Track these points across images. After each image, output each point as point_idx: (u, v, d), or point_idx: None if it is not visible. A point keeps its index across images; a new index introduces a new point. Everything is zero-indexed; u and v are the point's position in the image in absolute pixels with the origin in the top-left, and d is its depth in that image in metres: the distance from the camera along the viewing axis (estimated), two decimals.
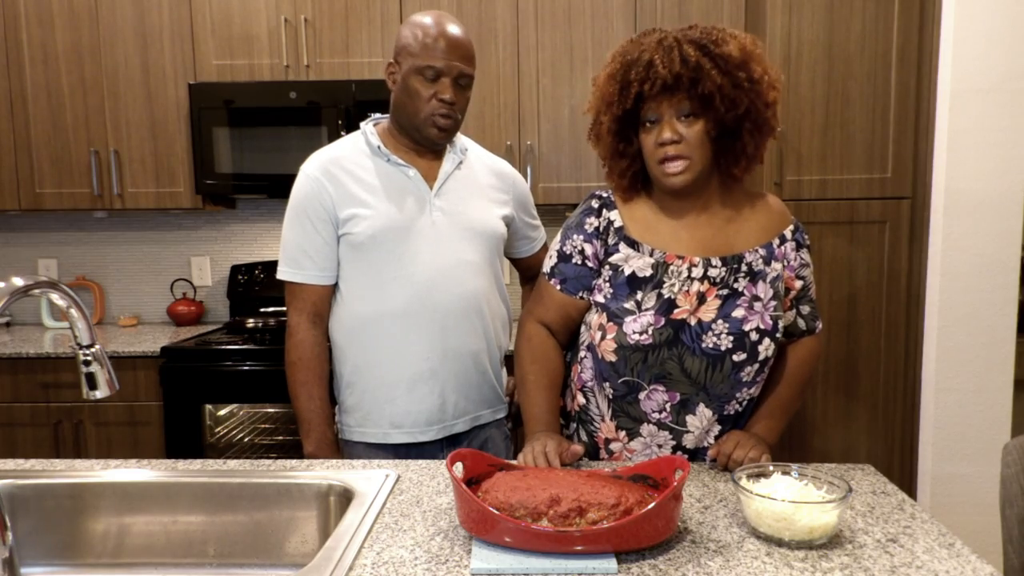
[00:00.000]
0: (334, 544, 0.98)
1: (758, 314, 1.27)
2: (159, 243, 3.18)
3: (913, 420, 2.44)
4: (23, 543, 1.21)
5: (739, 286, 1.28)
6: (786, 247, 1.34)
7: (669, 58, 1.19)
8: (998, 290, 2.29)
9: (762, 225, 1.34)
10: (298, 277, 1.54)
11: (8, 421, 2.58)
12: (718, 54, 1.20)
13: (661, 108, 1.22)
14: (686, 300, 1.26)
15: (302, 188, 1.54)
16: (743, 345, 1.25)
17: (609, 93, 1.25)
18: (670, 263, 1.27)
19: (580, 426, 1.40)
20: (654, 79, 1.19)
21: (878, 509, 1.09)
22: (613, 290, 1.29)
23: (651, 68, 1.19)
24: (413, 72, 1.48)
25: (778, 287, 1.31)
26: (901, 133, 2.38)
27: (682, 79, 1.19)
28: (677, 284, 1.26)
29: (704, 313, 1.25)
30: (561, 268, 1.35)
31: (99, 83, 2.75)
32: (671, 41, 1.21)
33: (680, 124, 1.22)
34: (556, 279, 1.35)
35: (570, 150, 2.71)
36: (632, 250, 1.30)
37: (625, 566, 0.93)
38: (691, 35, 1.22)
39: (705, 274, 1.27)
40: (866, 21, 2.35)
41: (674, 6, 2.60)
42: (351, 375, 1.57)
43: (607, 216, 1.33)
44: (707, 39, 1.21)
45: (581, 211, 1.37)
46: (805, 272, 1.37)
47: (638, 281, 1.27)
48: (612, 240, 1.32)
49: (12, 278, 0.95)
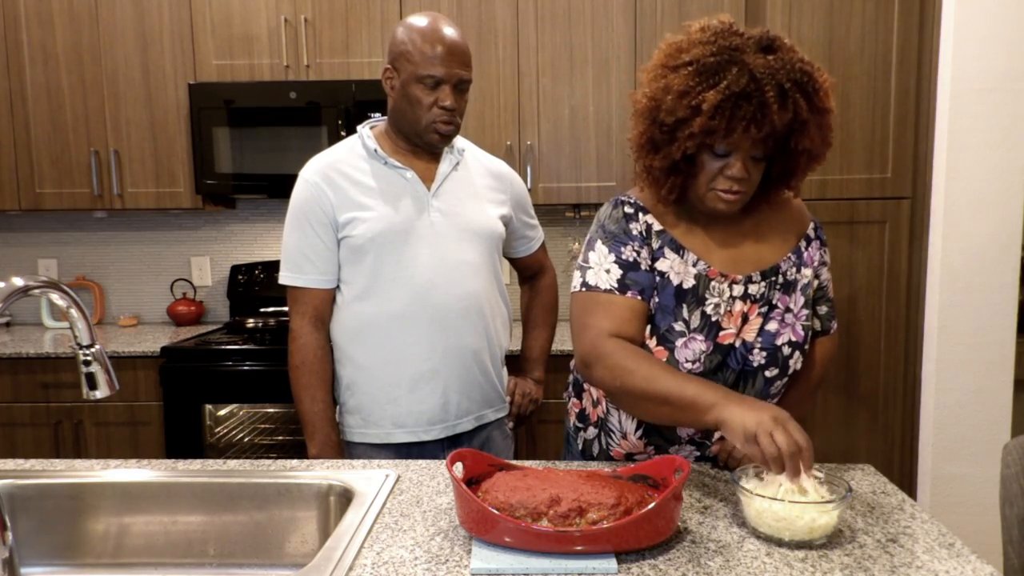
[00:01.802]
0: (334, 544, 0.98)
1: (789, 326, 1.23)
2: (159, 243, 3.18)
3: (913, 420, 2.44)
4: (23, 543, 1.21)
5: (774, 299, 1.24)
6: (812, 248, 1.30)
7: (784, 106, 1.08)
8: (998, 290, 2.29)
9: (787, 228, 1.29)
10: (300, 281, 1.55)
11: (8, 421, 2.58)
12: (820, 108, 1.13)
13: (743, 144, 1.14)
14: (730, 321, 1.22)
15: (301, 193, 1.54)
16: (776, 360, 1.22)
17: (712, 124, 1.10)
18: (712, 278, 1.22)
19: (603, 434, 1.35)
20: (762, 123, 1.09)
21: (878, 509, 1.09)
22: (659, 300, 1.22)
23: (765, 112, 1.08)
24: (413, 80, 1.48)
25: (808, 294, 1.27)
26: (901, 133, 2.38)
27: (784, 129, 1.11)
28: (721, 304, 1.22)
29: (747, 333, 1.22)
30: (634, 277, 1.22)
31: (99, 83, 2.75)
32: (786, 82, 1.08)
33: (751, 162, 1.16)
34: (634, 291, 1.21)
35: (570, 150, 2.71)
36: (677, 256, 1.23)
37: (625, 566, 0.93)
38: (795, 74, 1.09)
39: (746, 292, 1.23)
40: (866, 21, 2.35)
41: (674, 6, 2.60)
42: (352, 376, 1.58)
43: (644, 220, 1.25)
44: (811, 85, 1.11)
45: (619, 219, 1.26)
46: (823, 271, 1.33)
47: (682, 293, 1.22)
48: (656, 244, 1.24)
49: (12, 278, 0.95)
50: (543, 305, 1.87)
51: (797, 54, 1.13)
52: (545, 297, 1.88)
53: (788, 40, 1.16)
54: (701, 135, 1.12)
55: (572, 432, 1.44)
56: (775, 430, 0.98)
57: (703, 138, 1.13)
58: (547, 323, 1.87)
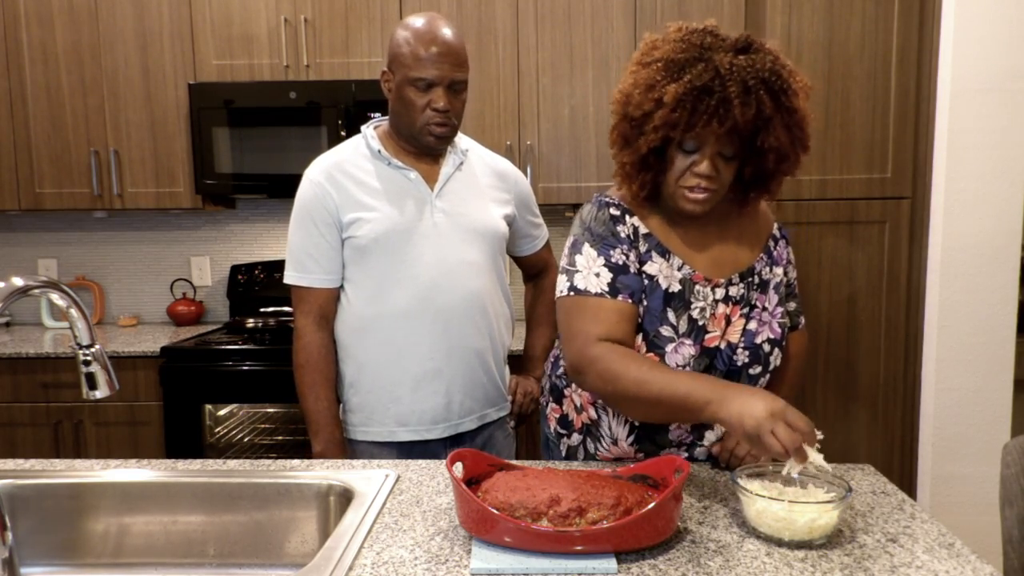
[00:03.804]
0: (334, 544, 0.98)
1: (767, 324, 1.25)
2: (159, 243, 3.18)
3: (913, 420, 2.44)
4: (23, 543, 1.21)
5: (753, 299, 1.26)
6: (780, 247, 1.32)
7: (747, 102, 1.08)
8: (998, 290, 2.29)
9: (756, 228, 1.32)
10: (304, 281, 1.55)
11: (8, 421, 2.58)
12: (787, 107, 1.12)
13: (709, 141, 1.14)
14: (715, 324, 1.23)
15: (306, 193, 1.55)
16: (758, 358, 1.24)
17: (673, 117, 1.11)
18: (696, 283, 1.23)
19: (589, 439, 1.35)
20: (724, 118, 1.09)
21: (878, 509, 1.09)
22: (648, 304, 1.21)
23: (727, 107, 1.08)
24: (406, 83, 1.49)
25: (781, 292, 1.30)
26: (901, 133, 2.38)
27: (748, 126, 1.11)
28: (706, 308, 1.23)
29: (731, 335, 1.24)
30: (624, 281, 1.21)
31: (99, 83, 2.75)
32: (751, 80, 1.09)
33: (720, 160, 1.16)
34: (624, 294, 1.20)
35: (570, 150, 2.71)
36: (663, 260, 1.23)
37: (625, 566, 0.93)
38: (763, 73, 1.10)
39: (727, 294, 1.24)
40: (866, 21, 2.34)
41: (674, 6, 2.60)
42: (355, 375, 1.58)
43: (631, 222, 1.25)
44: (779, 84, 1.11)
45: (606, 220, 1.25)
46: (789, 269, 1.35)
47: (670, 297, 1.22)
48: (643, 247, 1.24)
49: (12, 278, 0.95)
50: (547, 303, 1.87)
51: (772, 55, 1.13)
52: (549, 295, 1.88)
53: (771, 44, 1.16)
54: (665, 128, 1.13)
55: (553, 438, 1.43)
56: (776, 426, 0.98)
57: (667, 131, 1.13)
58: (550, 322, 1.87)
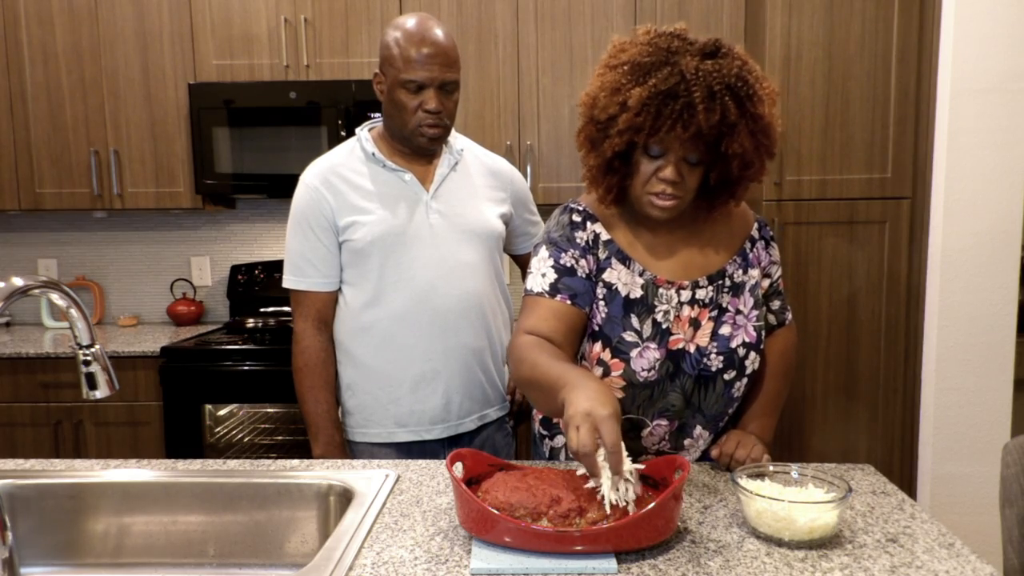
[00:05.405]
0: (334, 544, 0.98)
1: (742, 328, 1.24)
2: (159, 243, 3.18)
3: (913, 420, 2.44)
4: (23, 543, 1.21)
5: (724, 302, 1.25)
6: (757, 248, 1.31)
7: (711, 107, 1.08)
8: (998, 290, 2.29)
9: (731, 230, 1.30)
10: (302, 285, 1.56)
11: (8, 421, 2.58)
12: (752, 113, 1.12)
13: (673, 146, 1.14)
14: (679, 327, 1.23)
15: (302, 198, 1.56)
16: (732, 362, 1.23)
17: (637, 121, 1.10)
18: (660, 286, 1.23)
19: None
20: (688, 123, 1.08)
21: (878, 509, 1.09)
22: (608, 311, 1.22)
23: (691, 112, 1.08)
24: (397, 85, 1.49)
25: (757, 294, 1.28)
26: (901, 133, 2.38)
27: (712, 131, 1.10)
28: (670, 310, 1.22)
29: (700, 338, 1.23)
30: (567, 282, 1.22)
31: (99, 83, 2.75)
32: (716, 85, 1.08)
33: (684, 166, 1.16)
34: (564, 295, 1.21)
35: (570, 150, 2.70)
36: (624, 267, 1.23)
37: (625, 566, 0.93)
38: (729, 79, 1.09)
39: (694, 297, 1.24)
40: (866, 21, 2.35)
41: (674, 6, 2.60)
42: (354, 377, 1.58)
43: (592, 229, 1.25)
44: (744, 91, 1.10)
45: (565, 225, 1.26)
46: (773, 269, 1.34)
47: (630, 303, 1.22)
48: (603, 254, 1.24)
49: (12, 278, 0.95)
50: None
51: (740, 61, 1.12)
52: None
53: (739, 49, 1.15)
54: (629, 132, 1.12)
55: (537, 437, 1.44)
56: (582, 425, 0.93)
57: (631, 135, 1.13)
58: None
